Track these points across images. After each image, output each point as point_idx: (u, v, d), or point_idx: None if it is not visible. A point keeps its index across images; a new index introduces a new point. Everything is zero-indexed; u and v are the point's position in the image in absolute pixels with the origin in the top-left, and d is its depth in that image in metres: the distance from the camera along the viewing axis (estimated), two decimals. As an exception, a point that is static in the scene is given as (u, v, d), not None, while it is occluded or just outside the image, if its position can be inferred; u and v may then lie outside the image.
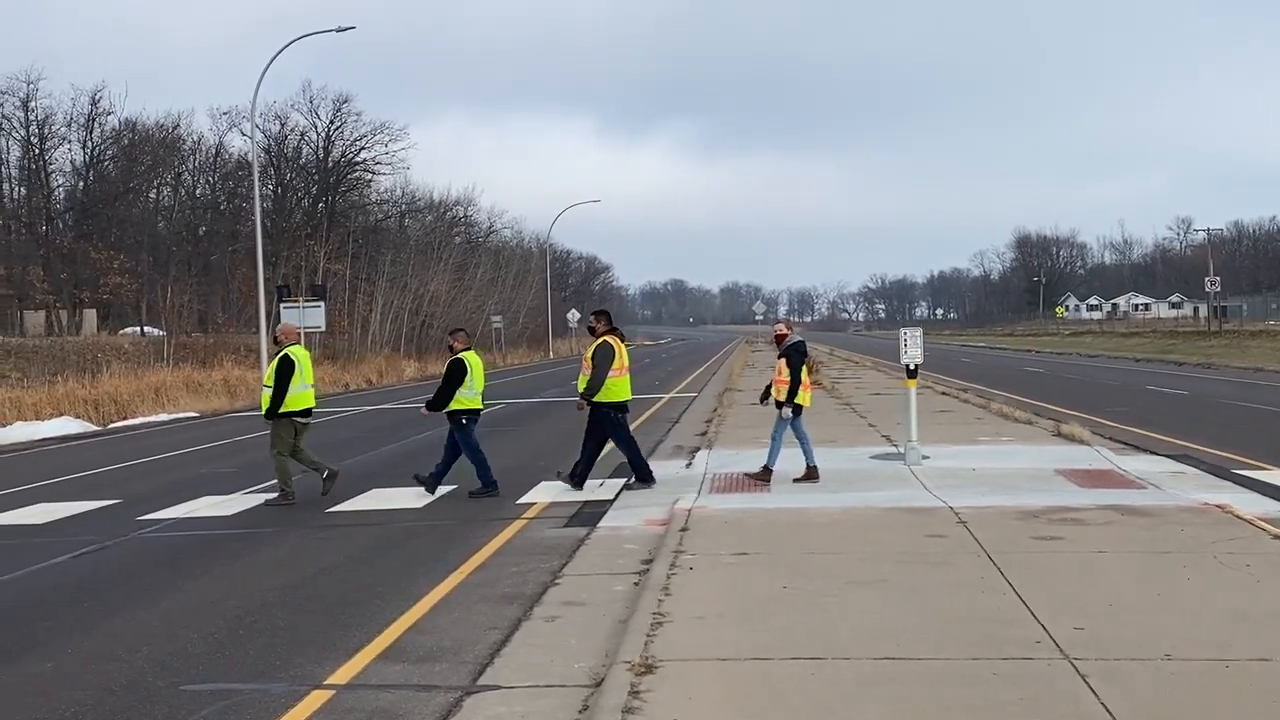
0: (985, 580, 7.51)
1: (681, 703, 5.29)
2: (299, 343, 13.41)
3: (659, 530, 10.12)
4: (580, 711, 5.58)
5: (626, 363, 12.95)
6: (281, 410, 12.67)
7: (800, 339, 13.14)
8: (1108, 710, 5.04)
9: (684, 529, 9.55)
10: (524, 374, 49.02)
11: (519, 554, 9.52)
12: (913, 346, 13.55)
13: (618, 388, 12.73)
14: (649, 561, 8.82)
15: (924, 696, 5.30)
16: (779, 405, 12.87)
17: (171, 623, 7.63)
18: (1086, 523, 9.46)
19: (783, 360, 12.84)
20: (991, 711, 5.11)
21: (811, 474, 12.48)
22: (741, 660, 5.91)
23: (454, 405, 12.86)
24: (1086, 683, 5.41)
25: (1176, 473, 12.80)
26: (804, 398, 12.88)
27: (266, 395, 12.83)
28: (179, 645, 7.07)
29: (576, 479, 12.88)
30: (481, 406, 13.17)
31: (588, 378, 12.69)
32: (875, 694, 5.37)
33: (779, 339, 13.28)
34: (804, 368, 12.83)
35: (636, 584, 8.15)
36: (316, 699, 5.94)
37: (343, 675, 6.34)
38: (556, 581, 8.38)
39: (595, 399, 12.64)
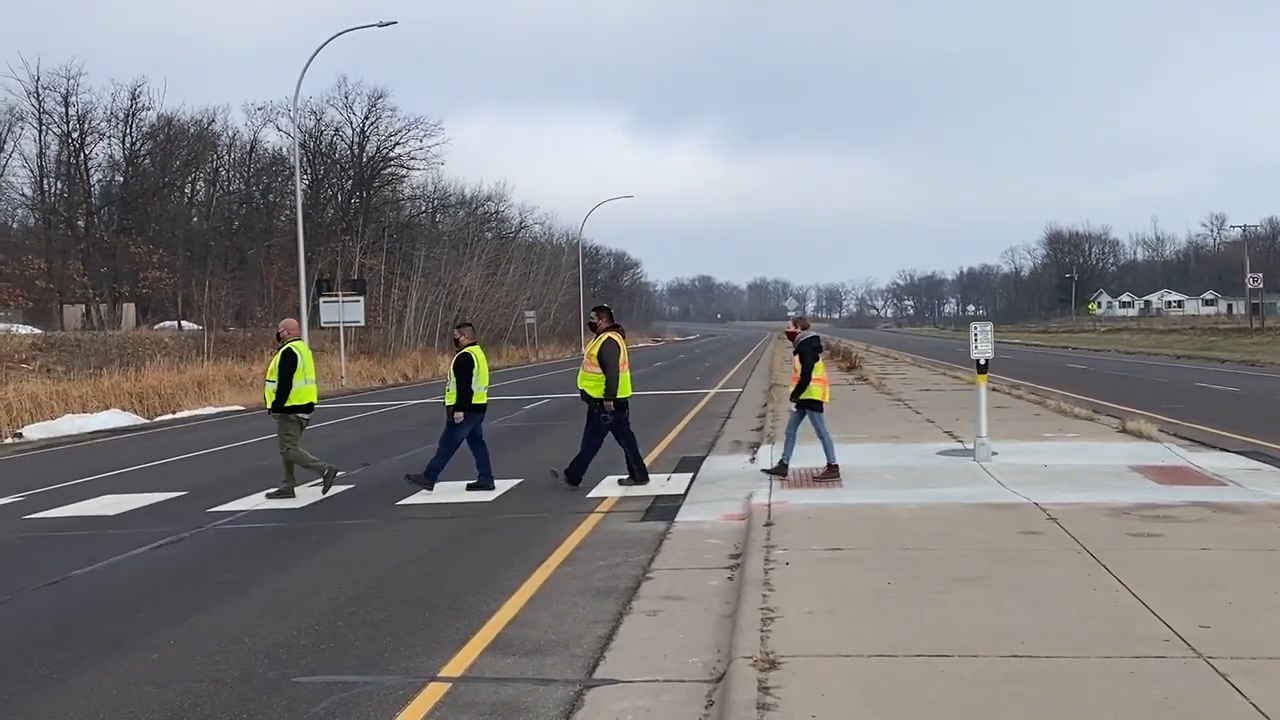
0: (1093, 578, 7.37)
1: (815, 699, 5.20)
2: (300, 338, 13.35)
3: (739, 525, 10.04)
4: (707, 707, 5.50)
5: (627, 359, 12.83)
6: (286, 405, 12.63)
7: (815, 335, 13.03)
8: (1259, 710, 4.91)
9: (768, 524, 9.45)
10: (558, 370, 48.97)
11: (603, 548, 9.45)
12: (983, 341, 13.38)
13: (620, 385, 12.61)
14: (737, 556, 8.74)
15: (1065, 695, 5.18)
16: (791, 399, 12.72)
17: (268, 615, 7.59)
18: (1180, 520, 9.29)
19: (797, 356, 12.73)
20: (1138, 710, 4.98)
21: (832, 473, 12.34)
22: (865, 657, 5.81)
23: (454, 399, 12.78)
24: (1229, 682, 5.27)
25: (1252, 469, 12.60)
26: (823, 393, 12.76)
27: (270, 390, 12.83)
28: (282, 637, 7.03)
29: (630, 477, 12.78)
30: (484, 401, 13.08)
31: (590, 375, 12.55)
32: (1013, 692, 5.25)
33: (791, 336, 13.13)
34: (818, 363, 12.70)
35: (730, 578, 8.07)
36: (434, 691, 5.88)
37: (455, 668, 6.28)
38: (649, 576, 8.30)
39: (591, 394, 12.56)
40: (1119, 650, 5.82)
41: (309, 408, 12.96)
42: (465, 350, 12.92)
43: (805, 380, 12.53)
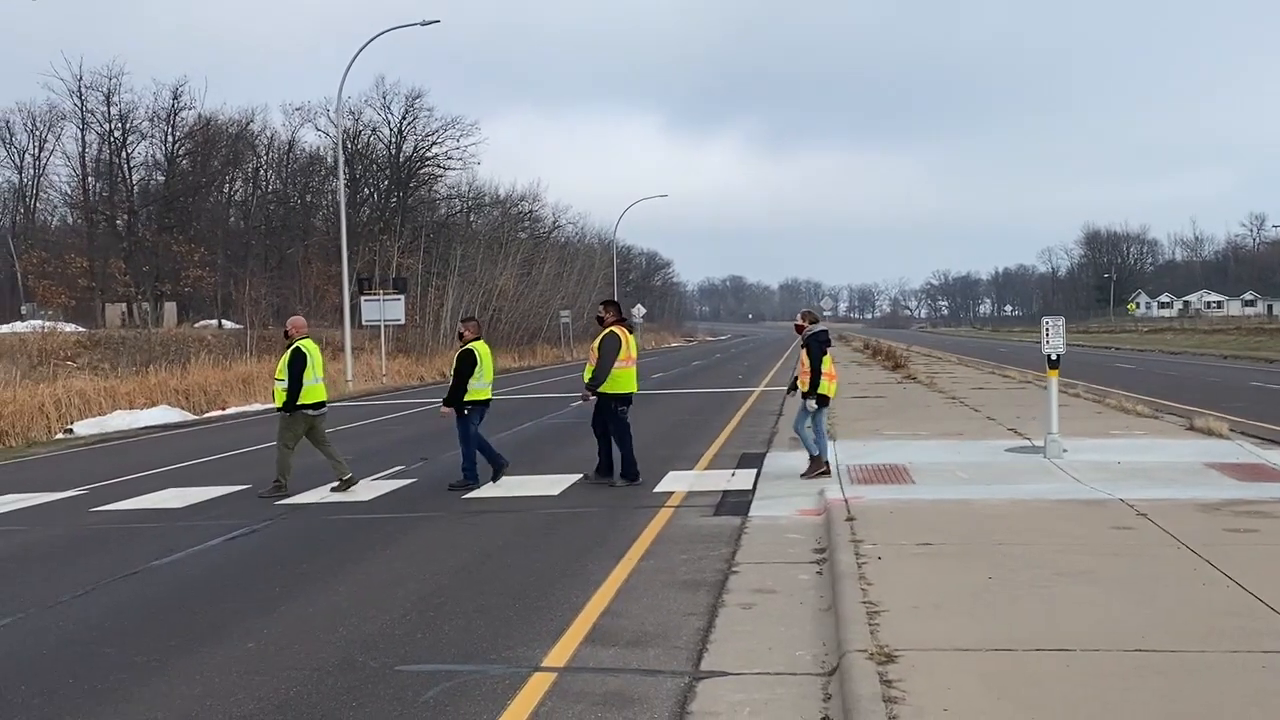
0: (1199, 572, 7.19)
1: (942, 692, 5.06)
2: (308, 336, 13.25)
3: (816, 520, 9.91)
4: (825, 700, 5.37)
5: (634, 354, 12.67)
6: (296, 403, 12.60)
7: (823, 329, 12.86)
8: None
9: (850, 519, 9.31)
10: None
11: (681, 542, 9.33)
12: (1055, 336, 13.18)
13: (623, 379, 12.47)
14: (822, 551, 8.61)
15: (1202, 688, 5.02)
16: (804, 396, 12.63)
17: (358, 604, 7.53)
18: (1273, 515, 9.09)
19: (804, 351, 12.57)
20: (1282, 706, 4.82)
21: (817, 464, 12.25)
22: (984, 651, 5.66)
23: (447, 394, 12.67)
24: (1371, 678, 5.10)
25: (1331, 467, 12.32)
26: (829, 389, 12.59)
27: (279, 389, 12.74)
28: (375, 627, 6.96)
29: (601, 473, 12.64)
30: (489, 397, 12.97)
31: (594, 367, 12.44)
32: (1146, 686, 5.10)
33: (799, 330, 12.96)
34: (826, 358, 12.52)
35: (819, 573, 7.94)
36: (541, 681, 5.79)
37: (557, 658, 6.18)
38: (734, 569, 8.18)
39: (601, 390, 12.39)
40: (1246, 645, 5.65)
41: (317, 406, 12.88)
42: (468, 346, 12.80)
43: (817, 375, 12.37)
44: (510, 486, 12.67)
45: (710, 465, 14.18)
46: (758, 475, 12.91)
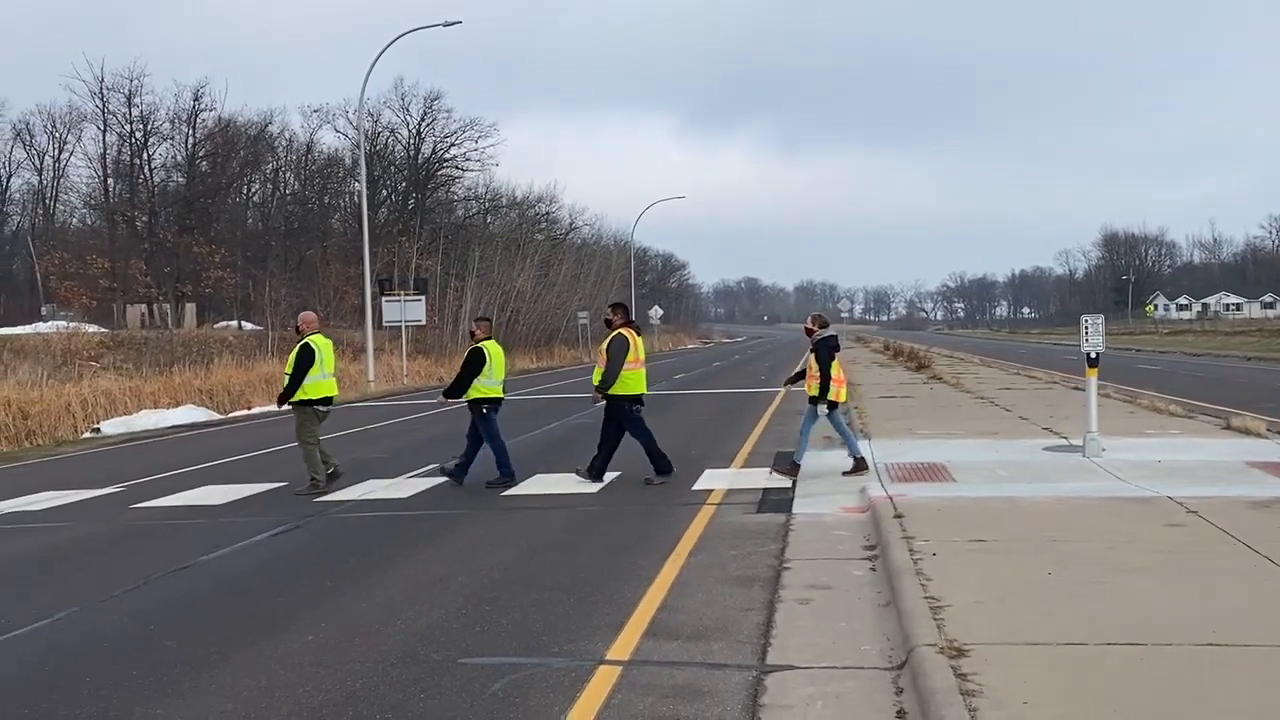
0: (1259, 568, 7.14)
1: (1019, 685, 5.03)
2: (319, 332, 13.27)
3: (861, 518, 9.87)
4: (897, 694, 5.34)
5: (642, 356, 12.68)
6: (303, 398, 12.61)
7: (832, 334, 12.80)
8: None
9: (898, 516, 9.26)
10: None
11: (728, 538, 9.31)
12: (1094, 335, 13.09)
13: (633, 380, 12.45)
14: (872, 547, 8.58)
15: (1283, 684, 4.97)
16: (812, 401, 12.63)
17: (411, 598, 7.53)
18: (1326, 514, 9.00)
19: (813, 355, 12.51)
20: (1368, 701, 4.77)
21: (860, 466, 12.28)
22: (1056, 645, 5.62)
23: (475, 394, 12.70)
24: None
25: (1375, 467, 12.21)
26: (839, 394, 12.55)
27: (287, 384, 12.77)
28: (431, 620, 6.96)
29: (595, 472, 12.60)
30: (502, 395, 13.00)
31: (603, 370, 12.41)
32: (1224, 680, 5.05)
33: (809, 334, 12.91)
34: (834, 363, 12.46)
35: (873, 569, 7.91)
36: (607, 674, 5.77)
37: (620, 652, 6.16)
38: (786, 566, 8.15)
39: (610, 391, 12.38)
40: (1319, 640, 5.59)
41: (327, 401, 12.91)
42: (478, 344, 12.83)
43: (827, 380, 12.34)
44: (547, 485, 12.66)
45: (745, 464, 14.15)
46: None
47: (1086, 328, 13.09)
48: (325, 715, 5.33)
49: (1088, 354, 13.14)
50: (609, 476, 12.86)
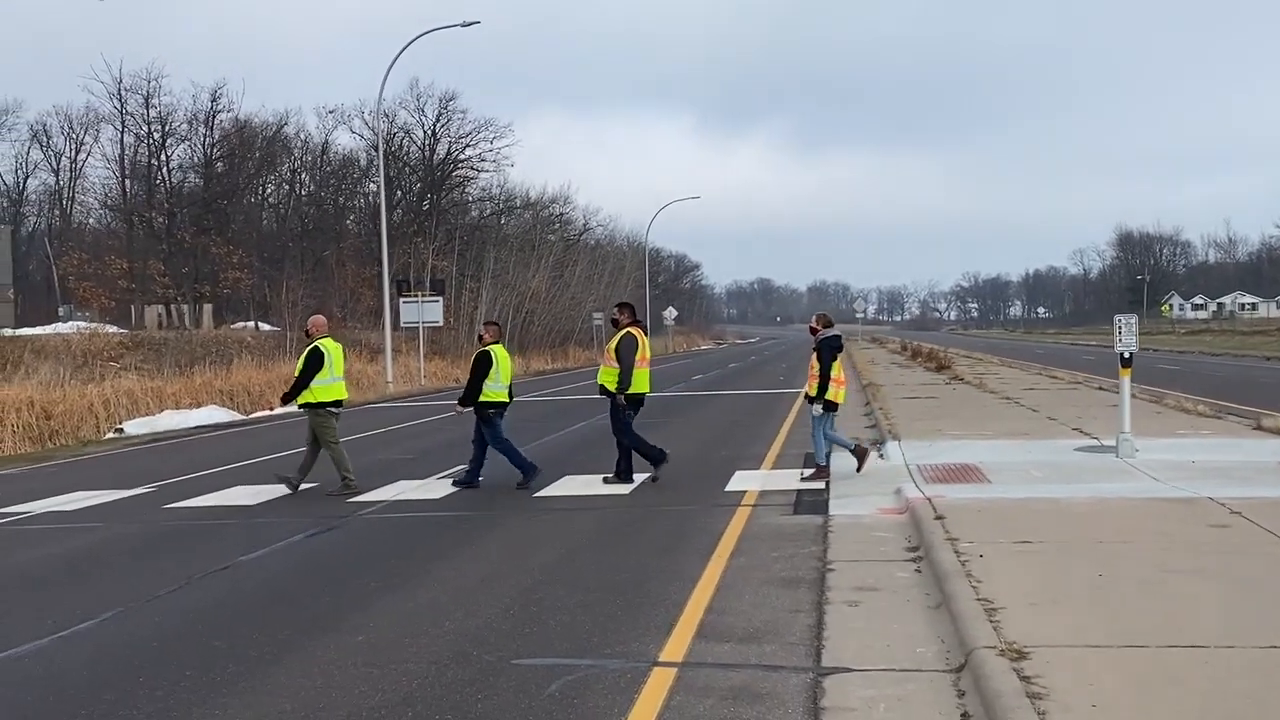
0: (1313, 571, 7.08)
1: (1085, 688, 4.99)
2: (328, 335, 13.29)
3: (899, 519, 9.83)
4: (959, 696, 5.31)
5: (648, 355, 12.63)
6: (313, 400, 12.65)
7: (836, 334, 12.73)
8: None
9: (939, 518, 9.21)
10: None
11: (767, 540, 9.27)
12: (1127, 334, 13.05)
13: (637, 379, 12.42)
14: (914, 549, 8.54)
15: (1354, 688, 4.92)
16: (809, 400, 12.56)
17: (457, 600, 7.52)
18: (1372, 515, 8.92)
19: (815, 354, 12.46)
20: None
21: (821, 473, 12.25)
22: (1117, 648, 5.58)
23: (480, 397, 12.66)
24: None
25: None
26: (838, 395, 12.47)
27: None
28: (480, 621, 6.94)
29: (623, 475, 12.58)
30: (508, 400, 12.97)
31: (609, 370, 12.37)
32: (1293, 684, 5.00)
33: (813, 333, 12.85)
34: (835, 364, 12.41)
35: (918, 571, 7.87)
36: (663, 675, 5.75)
37: (673, 653, 6.14)
38: (829, 568, 8.11)
39: (610, 389, 12.34)
40: (1385, 643, 5.54)
41: (337, 404, 12.94)
42: (486, 348, 12.82)
43: (825, 380, 12.27)
44: (579, 486, 12.65)
45: (775, 465, 14.11)
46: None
47: (1120, 328, 13.02)
48: (384, 715, 5.32)
49: (1121, 354, 13.08)
50: (639, 478, 12.84)
